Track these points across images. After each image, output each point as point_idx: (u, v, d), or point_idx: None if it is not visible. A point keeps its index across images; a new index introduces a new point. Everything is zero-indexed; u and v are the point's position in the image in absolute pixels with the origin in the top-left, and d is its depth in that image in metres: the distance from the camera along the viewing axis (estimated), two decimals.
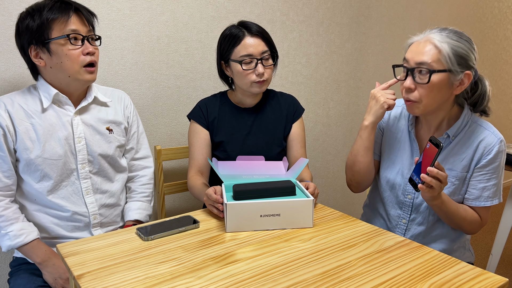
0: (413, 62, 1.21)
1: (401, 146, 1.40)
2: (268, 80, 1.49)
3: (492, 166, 1.27)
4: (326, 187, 2.59)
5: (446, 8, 3.03)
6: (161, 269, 0.98)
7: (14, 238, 1.23)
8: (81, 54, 1.24)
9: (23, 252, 1.27)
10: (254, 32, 1.45)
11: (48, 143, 1.27)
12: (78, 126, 1.32)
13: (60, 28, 1.21)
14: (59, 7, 1.22)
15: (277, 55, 1.53)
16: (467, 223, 1.30)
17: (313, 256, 1.04)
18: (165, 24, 1.78)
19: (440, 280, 0.95)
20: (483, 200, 1.29)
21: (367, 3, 2.51)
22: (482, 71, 1.31)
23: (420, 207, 1.36)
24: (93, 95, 1.35)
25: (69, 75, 1.25)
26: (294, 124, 1.61)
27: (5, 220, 1.23)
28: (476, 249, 2.75)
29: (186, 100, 1.90)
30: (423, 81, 1.19)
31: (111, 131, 1.39)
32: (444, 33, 1.21)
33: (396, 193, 1.40)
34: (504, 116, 3.89)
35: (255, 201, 1.18)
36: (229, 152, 1.54)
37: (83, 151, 1.32)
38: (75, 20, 1.23)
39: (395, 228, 1.42)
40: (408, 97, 1.24)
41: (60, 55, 1.22)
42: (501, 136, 1.27)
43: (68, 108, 1.31)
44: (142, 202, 1.48)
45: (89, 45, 1.26)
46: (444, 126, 1.32)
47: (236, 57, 1.45)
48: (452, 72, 1.19)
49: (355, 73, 2.57)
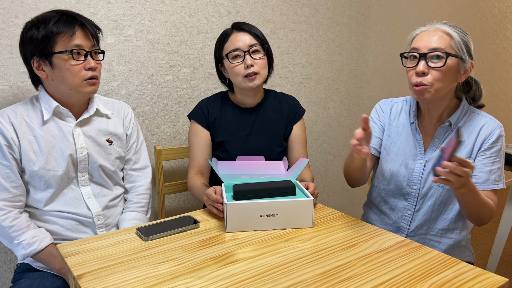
0: (426, 49, 1.26)
1: (404, 138, 1.42)
2: (261, 74, 1.48)
3: (495, 149, 1.31)
4: (326, 187, 2.59)
5: (446, 8, 3.03)
6: (161, 269, 0.98)
7: (28, 247, 1.23)
8: (82, 69, 1.25)
9: (41, 261, 1.26)
10: (240, 28, 1.49)
11: (50, 154, 1.28)
12: (79, 137, 1.32)
13: (64, 43, 1.21)
14: (65, 21, 1.22)
15: (269, 48, 1.53)
16: (487, 210, 1.28)
17: (313, 256, 1.04)
18: (165, 24, 1.78)
19: (440, 280, 0.95)
20: (491, 183, 1.31)
21: (367, 3, 2.51)
22: (482, 71, 1.35)
23: (426, 196, 1.38)
24: (95, 107, 1.36)
25: (71, 88, 1.26)
26: (295, 126, 1.61)
27: (16, 229, 1.23)
28: (476, 249, 2.76)
29: (186, 100, 1.90)
30: (438, 64, 1.25)
31: (111, 142, 1.39)
32: (449, 25, 1.29)
33: (401, 185, 1.41)
34: (504, 116, 3.89)
35: (255, 201, 1.18)
36: (230, 152, 1.54)
37: (84, 162, 1.33)
38: (80, 35, 1.23)
39: (400, 220, 1.42)
40: (421, 81, 1.27)
41: (62, 69, 1.23)
42: (499, 122, 1.34)
43: (69, 120, 1.32)
44: (137, 213, 1.45)
45: (91, 60, 1.26)
46: (445, 116, 1.37)
47: (225, 53, 1.48)
48: (462, 59, 1.26)
49: (355, 73, 2.57)
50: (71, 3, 1.55)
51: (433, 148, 1.37)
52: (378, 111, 1.51)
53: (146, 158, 1.52)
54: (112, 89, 1.69)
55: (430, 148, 1.37)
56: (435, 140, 1.36)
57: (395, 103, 1.49)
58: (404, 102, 1.47)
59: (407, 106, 1.45)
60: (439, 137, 1.36)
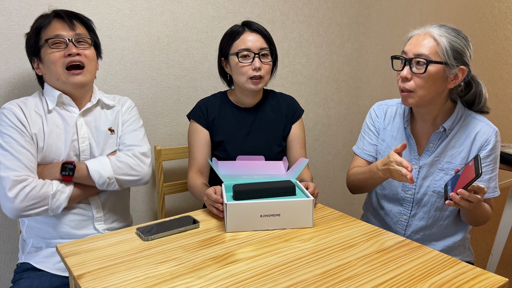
0: (412, 53, 1.25)
1: (399, 143, 1.42)
2: (265, 78, 1.49)
3: (493, 156, 1.31)
4: (326, 187, 2.59)
5: (446, 8, 3.03)
6: (161, 269, 0.98)
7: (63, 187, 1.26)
8: (62, 56, 1.27)
9: (80, 180, 1.30)
10: (254, 29, 1.48)
11: (54, 143, 1.30)
12: (82, 127, 1.34)
13: (44, 36, 1.28)
14: (43, 16, 1.30)
15: (276, 54, 1.54)
16: (486, 217, 1.32)
17: (313, 256, 1.04)
18: (165, 24, 1.78)
19: (440, 280, 0.95)
20: (491, 191, 1.31)
21: (367, 3, 2.51)
22: (482, 71, 1.34)
23: (421, 202, 1.37)
24: (97, 97, 1.39)
25: (57, 79, 1.30)
26: (293, 125, 1.61)
27: (47, 183, 1.25)
28: (476, 249, 2.75)
29: (186, 100, 1.90)
30: (420, 71, 1.24)
31: (113, 131, 1.40)
32: (443, 28, 1.26)
33: (396, 190, 1.41)
34: (504, 116, 3.89)
35: (255, 201, 1.18)
36: (229, 152, 1.54)
37: (86, 151, 1.35)
38: (57, 25, 1.28)
39: (396, 225, 1.42)
40: (404, 86, 1.27)
41: (46, 60, 1.28)
42: (495, 127, 1.32)
43: (72, 110, 1.35)
44: (109, 160, 1.33)
45: (73, 46, 1.28)
46: (439, 121, 1.35)
47: (234, 50, 1.47)
48: (448, 65, 1.23)
49: (355, 73, 2.57)
50: (71, 3, 1.55)
51: (427, 153, 1.36)
52: (372, 117, 1.51)
53: (143, 143, 1.42)
54: (112, 89, 1.69)
55: (424, 153, 1.36)
56: (429, 145, 1.35)
57: (389, 106, 1.48)
58: (398, 105, 1.46)
59: (402, 109, 1.44)
60: (433, 143, 1.35)
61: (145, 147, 1.41)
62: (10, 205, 1.19)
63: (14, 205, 1.19)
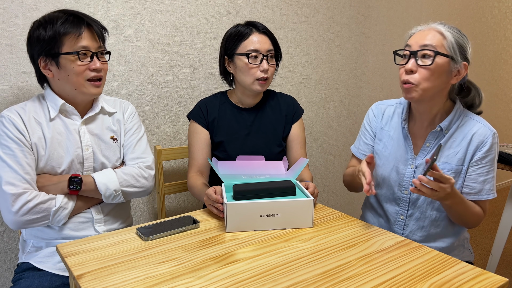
0: (418, 46, 1.25)
1: (395, 143, 1.41)
2: (270, 79, 1.50)
3: (489, 158, 1.30)
4: (326, 187, 2.59)
5: (446, 8, 3.03)
6: (161, 269, 0.98)
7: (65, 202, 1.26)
8: (87, 69, 1.26)
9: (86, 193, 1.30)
10: (261, 30, 1.49)
11: (56, 151, 1.29)
12: (85, 135, 1.34)
13: (71, 44, 1.22)
14: (72, 22, 1.23)
15: (280, 56, 1.55)
16: (474, 218, 1.31)
17: (313, 256, 1.04)
18: (165, 24, 1.78)
19: (440, 280, 0.95)
20: (485, 194, 1.30)
21: (367, 3, 2.51)
22: (482, 71, 1.34)
23: (417, 202, 1.37)
24: (100, 106, 1.37)
25: (75, 88, 1.28)
26: (293, 125, 1.61)
27: (50, 198, 1.25)
28: (476, 249, 2.75)
29: (186, 100, 1.90)
30: (426, 63, 1.23)
31: (115, 140, 1.40)
32: (446, 25, 1.28)
33: (392, 190, 1.41)
34: (504, 116, 3.89)
35: (255, 201, 1.18)
36: (229, 152, 1.54)
37: (89, 159, 1.34)
38: (86, 36, 1.25)
39: (394, 225, 1.42)
40: (408, 79, 1.26)
41: (68, 69, 1.24)
42: (493, 129, 1.31)
43: (74, 118, 1.33)
44: (115, 173, 1.34)
45: (97, 61, 1.27)
46: (437, 121, 1.35)
47: (242, 51, 1.47)
48: (453, 60, 1.24)
49: (355, 73, 2.57)
50: (71, 3, 1.55)
51: (424, 153, 1.35)
52: (370, 117, 1.51)
53: (146, 152, 1.44)
54: (112, 89, 1.69)
55: (421, 153, 1.36)
56: (426, 145, 1.35)
57: (388, 106, 1.48)
58: (397, 104, 1.46)
59: (400, 108, 1.44)
60: (430, 142, 1.35)
61: (149, 159, 1.43)
62: (12, 218, 1.20)
63: (16, 218, 1.20)
